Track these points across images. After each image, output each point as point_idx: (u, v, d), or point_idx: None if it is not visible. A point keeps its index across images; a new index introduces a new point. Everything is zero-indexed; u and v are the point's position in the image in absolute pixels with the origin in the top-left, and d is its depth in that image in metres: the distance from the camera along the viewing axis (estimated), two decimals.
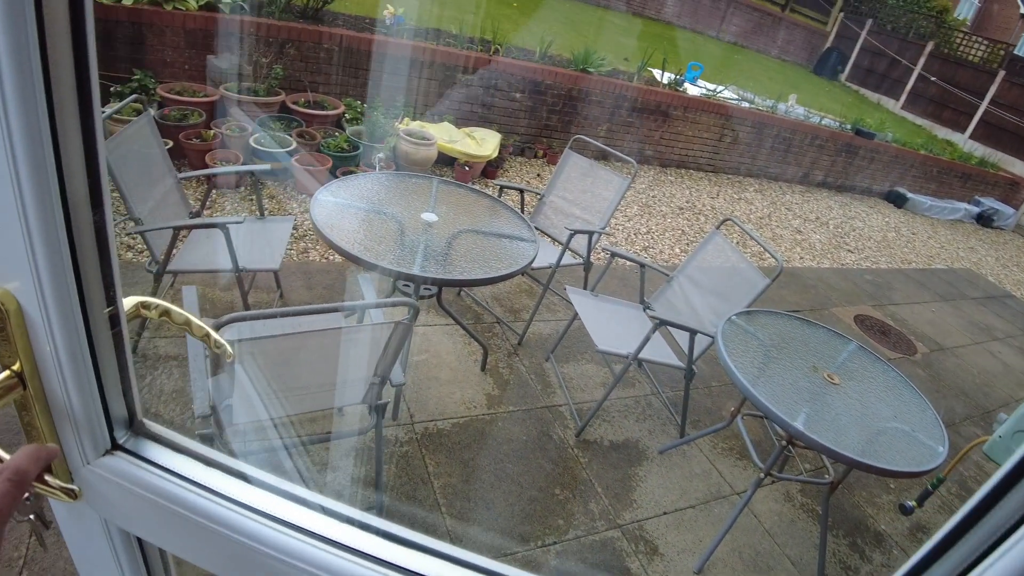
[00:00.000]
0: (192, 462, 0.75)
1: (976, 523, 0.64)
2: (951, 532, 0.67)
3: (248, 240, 2.88)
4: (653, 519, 2.67)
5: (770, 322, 2.76)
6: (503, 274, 2.50)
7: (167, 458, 0.75)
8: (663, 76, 7.64)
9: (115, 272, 0.66)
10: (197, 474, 0.74)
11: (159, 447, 0.77)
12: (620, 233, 5.44)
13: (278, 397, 1.80)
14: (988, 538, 0.63)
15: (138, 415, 0.78)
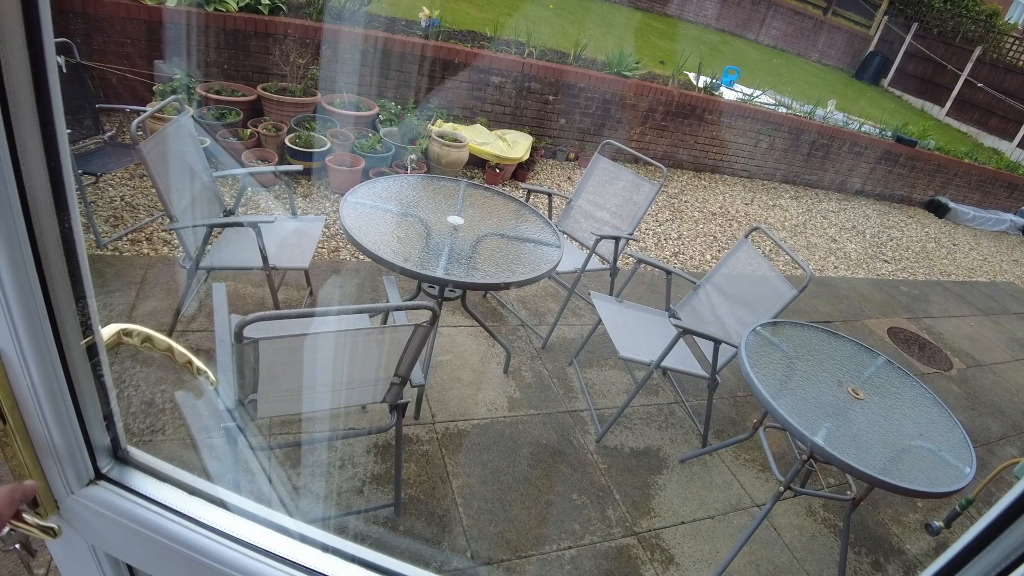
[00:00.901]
0: (176, 491, 0.76)
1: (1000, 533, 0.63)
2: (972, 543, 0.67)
3: (280, 238, 2.95)
4: (670, 528, 2.66)
5: (796, 334, 2.72)
6: (526, 278, 2.52)
7: (151, 487, 0.76)
8: (699, 80, 7.57)
9: (91, 303, 0.66)
10: (180, 503, 0.75)
11: (143, 476, 0.77)
12: (650, 238, 5.42)
13: (300, 394, 1.85)
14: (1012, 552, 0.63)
15: (122, 443, 0.77)
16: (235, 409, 1.76)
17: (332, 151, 4.62)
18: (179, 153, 2.78)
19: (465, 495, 2.50)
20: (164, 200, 2.52)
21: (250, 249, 2.69)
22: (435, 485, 2.50)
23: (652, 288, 4.51)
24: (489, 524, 2.41)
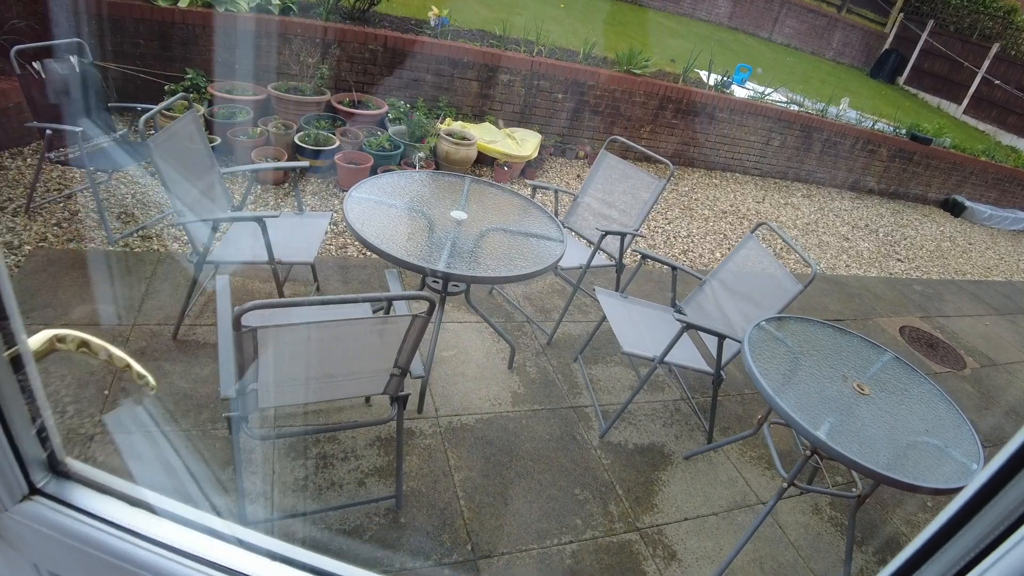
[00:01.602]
0: (118, 504, 0.73)
1: (967, 522, 0.63)
2: (940, 530, 0.66)
3: (286, 234, 2.97)
4: (673, 524, 2.65)
5: (801, 329, 2.71)
6: (528, 272, 2.52)
7: (91, 501, 0.72)
8: (709, 78, 7.53)
9: (11, 312, 0.64)
10: (122, 517, 0.71)
11: (83, 489, 0.73)
12: (659, 236, 5.40)
13: (301, 384, 1.86)
14: (982, 539, 0.62)
15: (59, 456, 0.74)
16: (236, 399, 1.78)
17: (341, 149, 4.65)
18: (187, 149, 2.81)
19: (467, 488, 2.50)
20: (171, 195, 2.55)
21: (256, 244, 2.72)
22: (437, 478, 2.51)
23: (659, 285, 4.50)
24: (490, 517, 2.42)
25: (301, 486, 2.34)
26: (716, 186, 7.02)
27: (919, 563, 0.67)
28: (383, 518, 2.30)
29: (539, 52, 6.12)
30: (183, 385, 2.64)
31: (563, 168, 6.16)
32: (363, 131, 4.95)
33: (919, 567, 0.67)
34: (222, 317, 1.92)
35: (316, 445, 2.52)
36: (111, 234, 3.46)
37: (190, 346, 2.86)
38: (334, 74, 5.25)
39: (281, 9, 5.02)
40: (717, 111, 6.99)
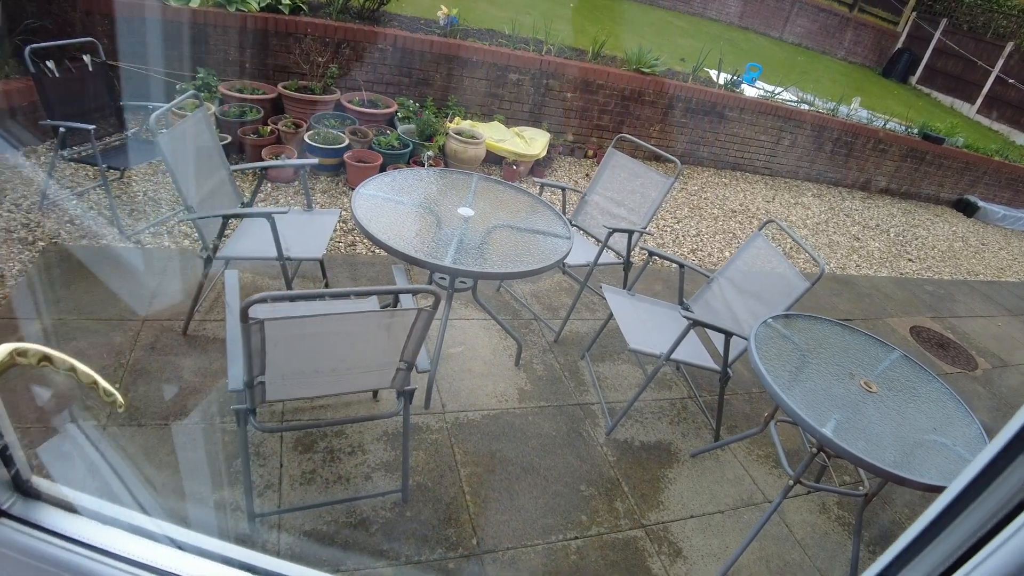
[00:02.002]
0: (89, 523, 0.70)
1: (950, 524, 0.63)
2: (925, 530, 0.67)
3: (295, 230, 2.99)
4: (679, 522, 2.65)
5: (808, 326, 2.70)
6: (534, 268, 2.53)
7: (59, 521, 0.70)
8: (719, 77, 7.51)
9: None
10: (93, 536, 0.69)
11: (51, 509, 0.71)
12: (668, 235, 5.39)
13: (309, 378, 1.88)
14: (965, 541, 0.63)
15: (25, 475, 0.72)
16: (244, 391, 1.80)
17: (351, 148, 4.67)
18: (197, 146, 2.84)
19: (473, 483, 2.52)
20: (181, 191, 2.58)
21: (265, 240, 2.74)
22: (443, 473, 2.53)
23: (667, 284, 4.49)
24: (496, 512, 2.43)
25: (308, 479, 2.36)
26: (726, 185, 7.00)
27: (905, 562, 0.67)
28: (389, 512, 2.31)
29: (548, 51, 6.13)
30: (193, 379, 2.67)
31: (572, 167, 6.17)
32: (372, 130, 4.97)
33: (905, 565, 0.67)
34: (231, 311, 1.94)
35: (323, 439, 2.54)
36: (123, 230, 3.50)
37: (200, 341, 2.89)
38: (344, 73, 5.28)
39: (291, 9, 5.05)
40: (727, 110, 6.97)
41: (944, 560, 0.62)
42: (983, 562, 0.58)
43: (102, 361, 2.66)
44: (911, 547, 0.66)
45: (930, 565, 0.64)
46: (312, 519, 2.23)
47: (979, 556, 0.59)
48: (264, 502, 2.24)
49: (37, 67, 3.30)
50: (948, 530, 0.62)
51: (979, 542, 0.60)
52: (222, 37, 4.85)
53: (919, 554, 0.65)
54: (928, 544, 0.64)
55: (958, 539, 0.61)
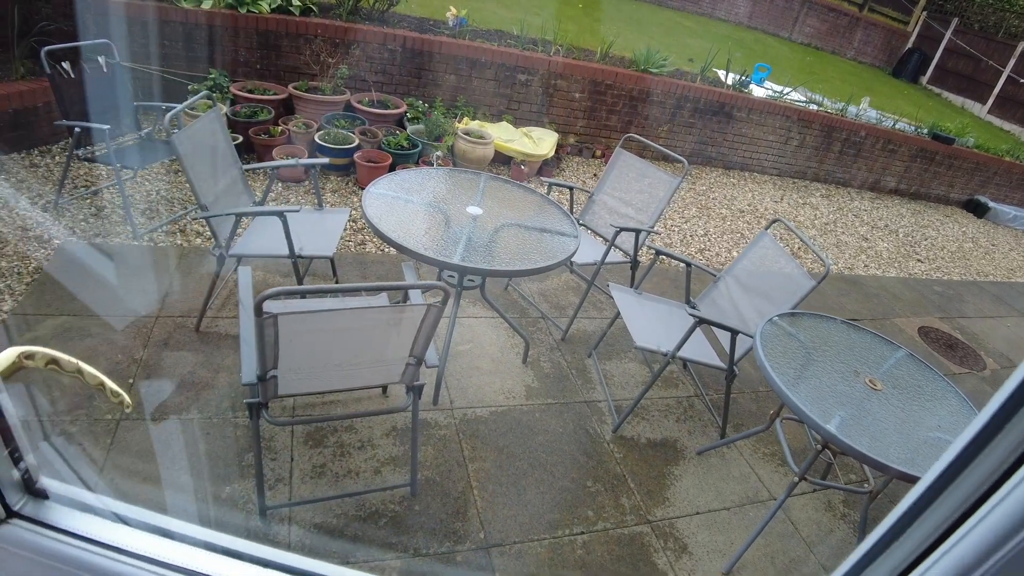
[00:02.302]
0: (101, 521, 0.71)
1: (912, 523, 0.66)
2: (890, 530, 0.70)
3: (306, 229, 3.04)
4: (685, 518, 2.67)
5: (814, 325, 2.71)
6: (541, 266, 2.56)
7: (73, 520, 0.70)
8: (728, 77, 7.51)
9: None
10: (105, 534, 0.70)
11: (63, 509, 0.72)
12: (676, 234, 5.40)
13: (321, 372, 1.92)
14: (925, 540, 0.65)
15: (35, 476, 0.72)
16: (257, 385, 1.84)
17: (360, 148, 4.72)
18: (210, 146, 2.89)
19: (480, 478, 2.55)
20: (195, 189, 2.63)
21: (277, 238, 2.78)
22: (451, 468, 2.56)
23: (675, 283, 4.51)
24: (503, 507, 2.46)
25: (319, 473, 2.39)
26: (734, 185, 7.01)
27: (874, 556, 0.69)
28: (398, 505, 2.35)
29: (556, 52, 6.16)
30: (205, 375, 2.71)
31: (580, 167, 6.19)
32: (382, 130, 5.02)
33: (875, 559, 0.70)
34: (244, 306, 1.98)
35: (333, 434, 2.58)
36: (136, 229, 3.56)
37: (212, 337, 2.93)
38: (353, 74, 5.33)
39: (302, 10, 5.10)
40: (735, 110, 6.98)
41: (914, 550, 0.65)
42: (950, 550, 0.61)
43: (115, 357, 2.70)
44: (888, 534, 0.69)
45: (906, 552, 0.66)
46: (322, 512, 2.26)
47: (948, 543, 0.61)
48: (275, 495, 2.28)
49: (53, 68, 3.36)
50: (922, 518, 0.64)
51: (947, 531, 0.62)
52: (233, 38, 4.90)
53: (897, 539, 0.68)
54: (904, 531, 0.67)
55: (931, 526, 0.64)
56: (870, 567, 0.70)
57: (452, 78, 5.70)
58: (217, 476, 2.30)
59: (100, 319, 2.89)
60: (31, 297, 2.91)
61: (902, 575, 0.65)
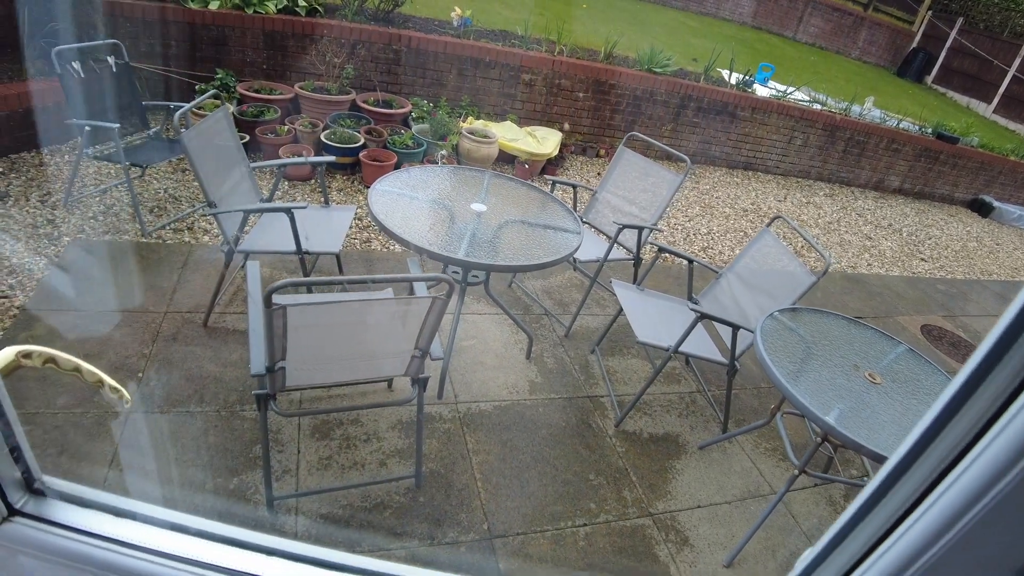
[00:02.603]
0: (103, 516, 0.72)
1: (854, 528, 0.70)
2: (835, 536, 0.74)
3: (312, 225, 3.08)
4: (686, 511, 2.70)
5: (815, 320, 2.74)
6: (544, 262, 2.59)
7: (75, 516, 0.71)
8: (731, 77, 7.53)
9: None
10: (108, 528, 0.70)
11: (65, 505, 0.72)
12: (679, 233, 5.43)
13: (328, 363, 1.95)
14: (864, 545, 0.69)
15: (36, 474, 0.73)
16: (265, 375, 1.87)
17: (366, 147, 4.76)
18: (218, 144, 2.93)
19: (484, 471, 2.58)
20: (203, 186, 2.67)
21: (284, 235, 2.82)
22: (455, 460, 2.59)
23: (678, 281, 4.53)
24: (506, 499, 2.49)
25: (325, 465, 2.43)
26: (737, 184, 7.03)
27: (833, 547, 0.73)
28: (403, 496, 2.38)
29: (560, 52, 6.19)
30: (213, 369, 2.76)
31: (584, 166, 6.22)
32: (387, 129, 5.06)
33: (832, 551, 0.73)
34: (253, 299, 2.02)
35: (339, 427, 2.61)
36: (145, 226, 3.60)
37: (220, 333, 2.98)
38: (359, 74, 5.37)
39: (308, 11, 5.15)
40: (739, 110, 7.00)
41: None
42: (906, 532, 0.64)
43: (125, 351, 2.75)
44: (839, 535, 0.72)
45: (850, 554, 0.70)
46: (328, 503, 2.30)
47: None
48: (282, 486, 2.32)
49: (63, 68, 3.41)
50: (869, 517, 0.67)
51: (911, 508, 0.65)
52: (240, 39, 4.95)
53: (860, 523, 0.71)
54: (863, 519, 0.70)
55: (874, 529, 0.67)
56: (843, 544, 0.73)
57: (456, 78, 5.74)
58: (225, 468, 2.34)
59: (109, 314, 2.93)
60: (41, 293, 2.96)
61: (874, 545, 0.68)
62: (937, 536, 0.57)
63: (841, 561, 0.72)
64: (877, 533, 0.66)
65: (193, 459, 2.35)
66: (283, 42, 5.09)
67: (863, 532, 0.69)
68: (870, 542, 0.67)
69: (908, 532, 0.62)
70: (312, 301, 1.69)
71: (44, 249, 3.25)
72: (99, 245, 3.40)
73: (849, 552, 0.71)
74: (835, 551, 0.74)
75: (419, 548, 2.23)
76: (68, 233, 3.42)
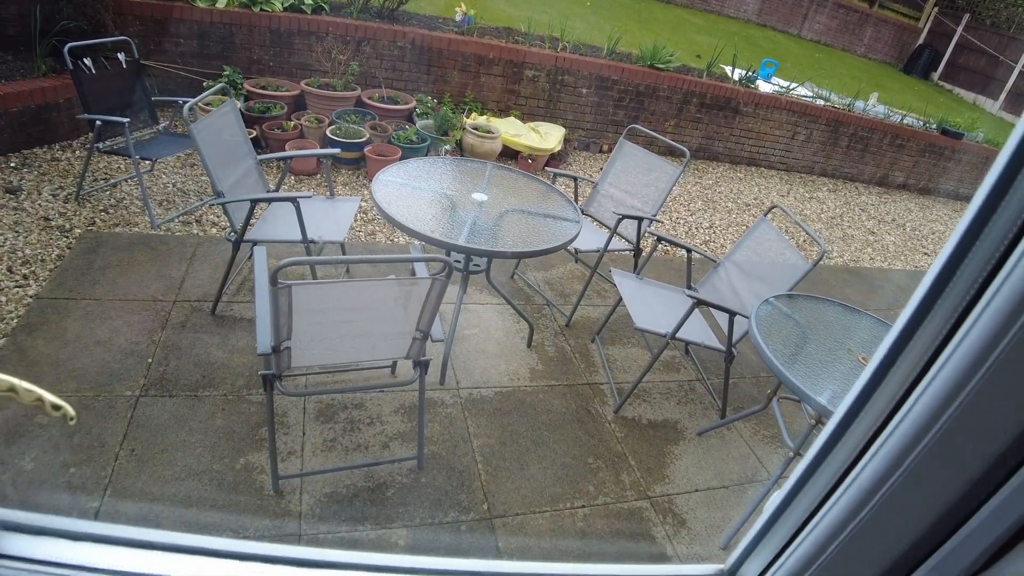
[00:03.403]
0: (57, 541, 0.69)
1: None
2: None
3: (318, 216, 3.14)
4: (684, 495, 2.75)
5: (811, 306, 2.78)
6: (544, 248, 2.65)
7: (26, 545, 0.67)
8: (734, 73, 7.56)
9: None
10: (65, 554, 0.68)
11: (13, 536, 0.68)
12: (681, 226, 5.47)
13: (332, 343, 2.02)
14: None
15: None
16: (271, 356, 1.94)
17: (371, 142, 4.83)
18: (225, 136, 3.00)
19: (485, 454, 2.64)
20: (211, 177, 2.74)
21: (290, 225, 2.89)
22: (457, 444, 2.65)
23: (678, 273, 4.57)
24: (506, 480, 2.55)
25: (329, 447, 2.50)
26: (740, 180, 7.06)
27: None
28: (405, 477, 2.44)
29: (564, 48, 6.24)
30: (220, 355, 2.83)
31: (587, 161, 6.27)
32: (391, 125, 5.12)
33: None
34: (260, 282, 2.09)
35: (344, 411, 2.68)
36: (154, 219, 3.68)
37: (227, 321, 3.05)
38: (364, 70, 5.44)
39: (313, 8, 5.22)
40: (742, 106, 7.03)
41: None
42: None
43: (135, 338, 2.82)
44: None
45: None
46: (333, 482, 2.36)
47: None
48: (287, 467, 2.39)
49: (75, 65, 3.49)
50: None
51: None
52: (247, 36, 5.03)
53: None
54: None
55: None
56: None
57: (460, 74, 5.81)
58: (232, 449, 2.41)
59: (120, 303, 3.01)
60: (54, 282, 3.04)
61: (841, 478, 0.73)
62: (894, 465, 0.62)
63: (807, 501, 0.77)
64: (838, 472, 0.72)
65: (200, 440, 2.42)
66: (289, 39, 5.16)
67: (825, 472, 0.74)
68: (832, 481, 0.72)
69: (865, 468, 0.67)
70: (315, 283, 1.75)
71: (56, 241, 3.33)
72: (110, 237, 3.48)
73: (814, 491, 0.76)
74: (801, 491, 0.79)
75: (420, 528, 2.29)
76: (79, 225, 3.50)
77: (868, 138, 7.90)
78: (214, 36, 4.96)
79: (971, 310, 0.54)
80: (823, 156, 7.86)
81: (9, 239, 3.26)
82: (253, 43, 5.09)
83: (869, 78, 12.58)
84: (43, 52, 4.28)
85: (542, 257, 3.90)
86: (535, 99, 6.15)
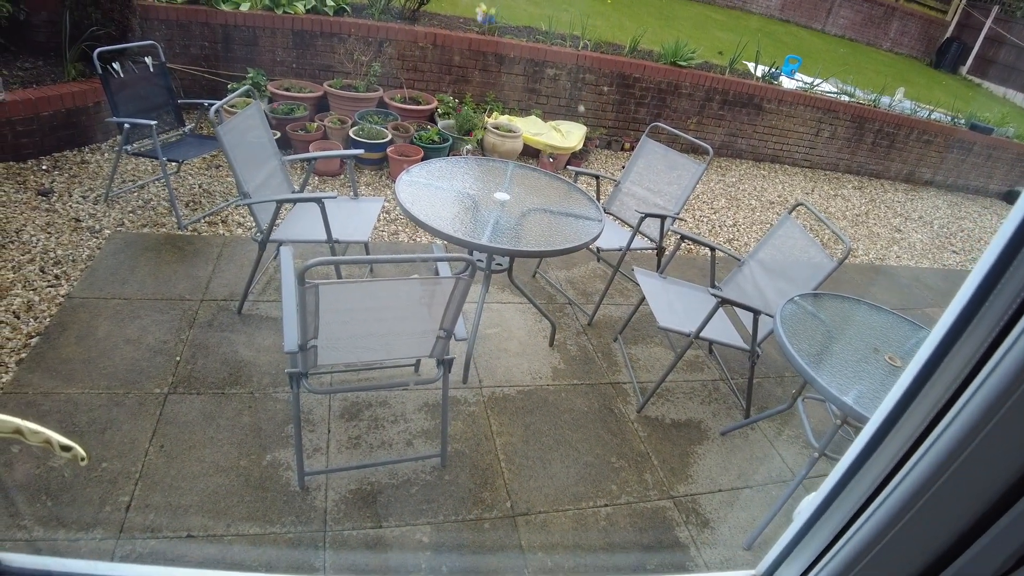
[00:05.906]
0: None
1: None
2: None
3: (342, 216, 3.17)
4: (707, 495, 2.73)
5: (836, 305, 2.75)
6: (566, 247, 2.65)
7: None
8: (757, 69, 7.49)
9: None
10: None
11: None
12: (704, 224, 5.43)
13: (358, 342, 2.04)
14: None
15: None
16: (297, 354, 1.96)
17: (393, 143, 4.86)
18: (251, 137, 3.04)
19: (507, 452, 2.65)
20: (238, 178, 2.78)
21: (315, 225, 2.92)
22: (479, 442, 2.67)
23: (701, 271, 4.54)
24: (529, 479, 2.55)
25: (354, 444, 2.52)
26: (764, 177, 6.99)
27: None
28: (429, 475, 2.46)
29: (585, 47, 6.23)
30: (247, 354, 2.87)
31: (608, 160, 6.25)
32: (413, 125, 5.15)
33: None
34: (287, 281, 2.12)
35: (368, 409, 2.70)
36: (181, 220, 3.74)
37: (253, 320, 3.09)
38: (386, 71, 5.48)
39: (335, 10, 5.27)
40: (765, 102, 6.96)
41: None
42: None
43: (164, 337, 2.87)
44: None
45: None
46: (357, 479, 2.39)
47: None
48: (313, 463, 2.41)
49: (104, 69, 3.56)
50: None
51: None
52: (270, 39, 5.09)
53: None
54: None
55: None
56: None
57: (481, 74, 5.82)
58: (258, 446, 2.44)
59: (148, 302, 3.06)
60: (85, 282, 3.10)
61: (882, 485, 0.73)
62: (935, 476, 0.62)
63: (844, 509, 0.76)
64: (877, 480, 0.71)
65: (228, 437, 2.46)
66: (312, 41, 5.21)
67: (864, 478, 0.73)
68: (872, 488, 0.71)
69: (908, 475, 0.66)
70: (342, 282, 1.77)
71: (87, 241, 3.40)
72: (138, 237, 3.55)
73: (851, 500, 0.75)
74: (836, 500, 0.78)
75: (444, 525, 2.30)
76: (109, 226, 3.57)
77: (894, 134, 7.77)
78: (238, 39, 5.03)
79: (1022, 315, 0.53)
80: (848, 153, 7.74)
81: (41, 240, 3.33)
82: (276, 45, 5.14)
83: (895, 73, 12.38)
84: (73, 57, 4.37)
85: (564, 256, 3.90)
86: (556, 98, 6.15)
